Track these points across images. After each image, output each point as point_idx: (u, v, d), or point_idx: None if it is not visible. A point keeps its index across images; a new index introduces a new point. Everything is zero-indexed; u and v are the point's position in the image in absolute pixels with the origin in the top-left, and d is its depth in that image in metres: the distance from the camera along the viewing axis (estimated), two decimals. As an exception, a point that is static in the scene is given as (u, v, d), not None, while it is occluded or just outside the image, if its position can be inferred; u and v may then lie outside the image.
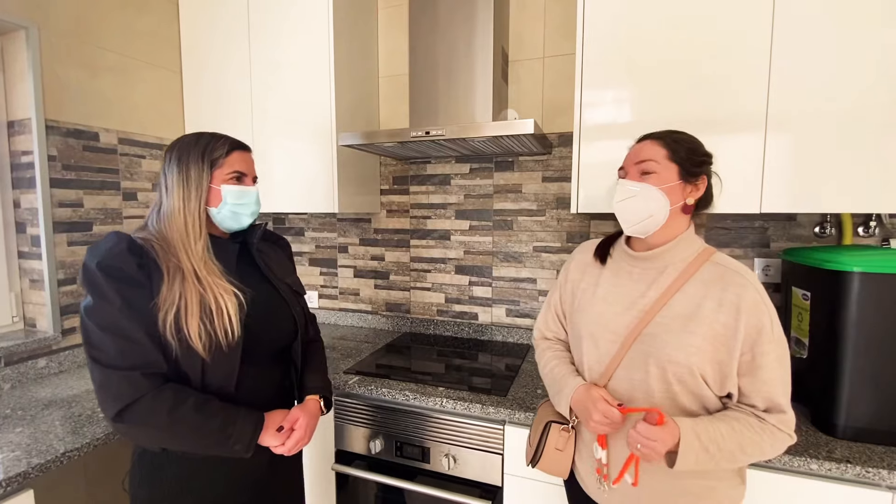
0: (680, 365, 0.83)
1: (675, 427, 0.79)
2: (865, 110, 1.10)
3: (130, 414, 0.80)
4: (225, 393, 0.89)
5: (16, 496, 0.96)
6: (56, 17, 1.48)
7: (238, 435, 0.86)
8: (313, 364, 1.11)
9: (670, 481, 0.87)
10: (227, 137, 0.97)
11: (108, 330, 0.80)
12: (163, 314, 0.82)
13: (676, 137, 0.90)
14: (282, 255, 1.11)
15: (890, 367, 1.04)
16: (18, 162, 1.47)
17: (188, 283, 0.85)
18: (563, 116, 1.68)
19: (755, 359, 0.81)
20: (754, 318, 0.81)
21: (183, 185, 0.90)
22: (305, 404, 1.02)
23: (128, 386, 0.80)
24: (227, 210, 0.94)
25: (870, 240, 1.38)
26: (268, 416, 0.93)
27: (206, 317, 0.85)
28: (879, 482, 0.97)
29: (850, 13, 1.09)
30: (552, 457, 0.99)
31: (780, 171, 1.18)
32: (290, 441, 0.94)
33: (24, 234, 1.49)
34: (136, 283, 0.83)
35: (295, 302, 1.05)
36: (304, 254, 2.18)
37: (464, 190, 1.87)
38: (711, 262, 0.88)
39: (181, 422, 0.82)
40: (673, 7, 1.23)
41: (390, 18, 1.91)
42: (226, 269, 0.92)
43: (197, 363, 0.85)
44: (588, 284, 1.00)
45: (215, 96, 1.83)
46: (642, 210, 0.88)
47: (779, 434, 0.82)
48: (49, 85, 1.46)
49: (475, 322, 1.90)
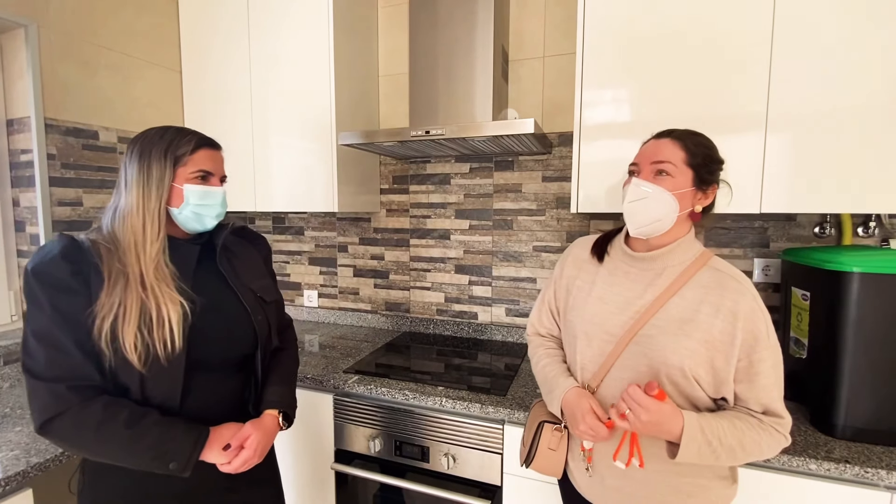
0: (673, 367, 0.83)
1: (677, 413, 0.78)
2: (865, 110, 1.10)
3: (54, 428, 0.76)
4: (168, 406, 0.83)
5: (15, 495, 0.96)
6: (55, 16, 1.47)
7: (174, 453, 0.80)
8: (278, 376, 1.02)
9: (662, 479, 0.87)
10: (196, 133, 0.91)
11: (39, 338, 0.76)
12: (98, 321, 0.77)
13: (697, 141, 0.87)
14: (255, 255, 1.06)
15: (889, 367, 1.05)
16: (17, 160, 1.46)
17: (130, 289, 0.80)
18: (563, 116, 1.68)
19: (752, 365, 0.82)
20: (751, 324, 0.81)
21: (143, 182, 0.84)
22: (261, 420, 0.94)
23: (52, 398, 0.75)
24: (188, 211, 0.88)
25: (869, 240, 1.39)
26: (215, 431, 0.86)
27: (144, 326, 0.79)
28: (878, 482, 0.97)
29: (849, 13, 1.09)
30: (545, 456, 0.99)
31: (779, 171, 1.18)
32: (236, 460, 0.86)
33: (23, 232, 1.49)
34: (69, 290, 0.78)
35: (258, 310, 0.97)
36: (304, 253, 2.18)
37: (463, 189, 1.87)
38: (709, 267, 0.88)
39: (110, 437, 0.77)
40: (673, 7, 1.23)
41: (390, 17, 1.90)
42: (181, 275, 0.86)
43: (135, 375, 0.80)
44: (584, 282, 0.98)
45: (215, 95, 1.83)
46: (653, 213, 0.86)
47: (776, 435, 0.83)
48: (48, 83, 1.45)
49: (475, 321, 1.90)
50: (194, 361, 0.85)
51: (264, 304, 1.00)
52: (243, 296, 0.96)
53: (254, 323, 0.96)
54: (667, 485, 0.87)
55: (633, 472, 0.88)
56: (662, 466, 0.87)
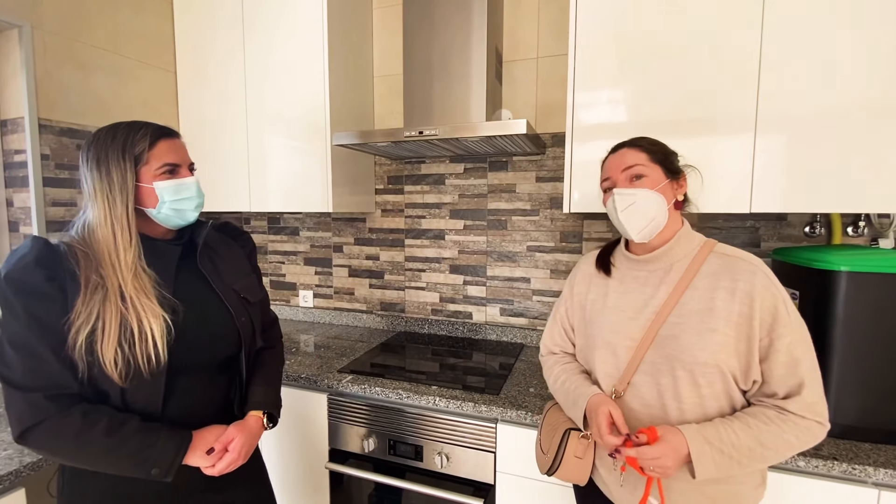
0: (708, 365, 0.82)
1: (679, 437, 0.78)
2: (854, 110, 1.11)
3: (32, 438, 0.74)
4: (150, 412, 0.82)
5: (8, 495, 0.96)
6: (49, 16, 1.47)
7: (156, 458, 0.78)
8: (262, 376, 1.01)
9: (691, 488, 0.85)
10: (148, 125, 0.85)
11: (15, 346, 0.74)
12: (74, 332, 0.75)
13: (649, 141, 0.93)
14: (239, 253, 1.02)
15: (877, 365, 1.06)
16: (11, 161, 1.46)
17: (109, 302, 0.77)
18: (556, 117, 1.69)
19: (773, 343, 0.81)
20: (767, 302, 0.81)
21: (106, 190, 0.80)
22: (245, 421, 0.93)
23: (29, 408, 0.74)
24: (167, 209, 0.85)
25: (859, 239, 1.40)
26: (197, 434, 0.85)
27: (125, 341, 0.77)
28: (866, 479, 0.98)
29: (836, 15, 1.11)
30: (572, 465, 0.96)
31: (769, 172, 1.19)
32: (220, 463, 0.86)
33: (17, 232, 1.49)
34: (44, 297, 0.75)
35: (242, 311, 0.95)
36: (299, 253, 2.18)
37: (458, 190, 1.87)
38: (716, 254, 0.88)
39: (90, 446, 0.75)
40: (663, 9, 1.24)
41: (385, 18, 1.91)
42: (161, 279, 0.84)
43: (114, 385, 0.78)
44: (597, 296, 0.99)
45: (210, 96, 1.83)
46: (647, 213, 0.88)
47: (803, 423, 0.79)
48: (42, 84, 1.45)
49: (469, 321, 1.91)
50: (176, 367, 0.83)
51: (248, 305, 0.98)
52: (226, 297, 0.94)
53: (237, 325, 0.94)
54: (701, 493, 0.85)
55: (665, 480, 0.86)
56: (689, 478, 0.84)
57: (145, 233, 0.87)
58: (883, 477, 0.97)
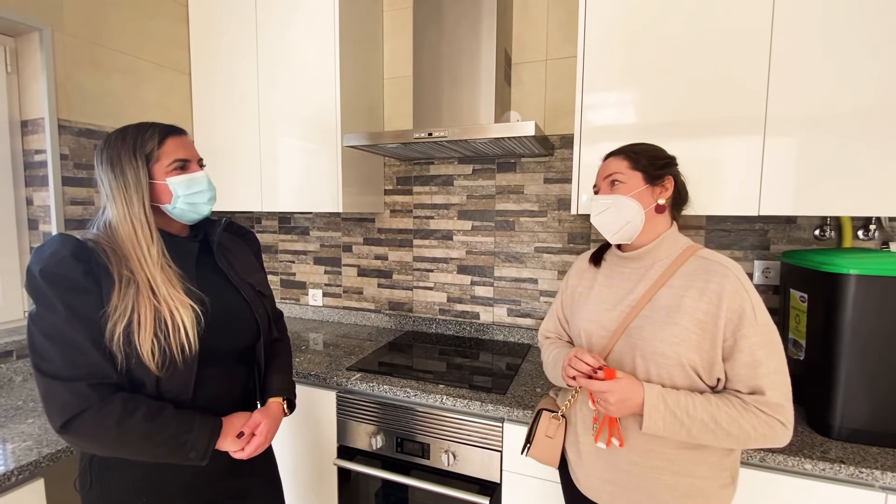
0: (666, 356, 0.86)
1: (636, 386, 0.84)
2: (865, 113, 1.10)
3: (76, 426, 0.76)
4: (181, 400, 0.86)
5: (27, 484, 0.99)
6: (69, 19, 1.51)
7: (193, 443, 0.83)
8: (277, 365, 1.07)
9: (658, 476, 0.89)
10: (156, 125, 0.90)
11: (53, 339, 0.76)
12: (111, 324, 0.78)
13: (635, 148, 0.98)
14: (247, 250, 1.08)
15: (885, 368, 1.05)
16: (31, 160, 1.50)
17: (142, 296, 0.81)
18: (565, 118, 1.70)
19: (736, 342, 0.83)
20: (735, 303, 0.84)
21: (122, 189, 0.84)
22: (268, 407, 1.00)
23: (72, 397, 0.76)
24: (181, 203, 0.89)
25: (869, 243, 1.39)
26: (227, 420, 0.90)
27: (160, 332, 0.81)
28: (873, 482, 0.98)
29: (847, 16, 1.10)
30: (543, 444, 1.03)
31: (778, 174, 1.19)
32: (249, 447, 0.91)
33: (36, 230, 1.53)
34: (83, 290, 0.78)
35: (258, 303, 1.01)
36: (309, 252, 2.21)
37: (466, 191, 1.89)
38: (696, 257, 0.92)
39: (131, 433, 0.78)
40: (672, 11, 1.25)
41: (395, 21, 1.93)
42: (185, 274, 0.88)
43: (150, 374, 0.81)
44: (584, 288, 1.07)
45: (223, 97, 1.86)
46: (619, 218, 0.94)
47: (763, 417, 0.81)
48: (62, 85, 1.49)
49: (476, 321, 1.92)
50: (203, 356, 0.87)
51: (262, 297, 1.04)
52: (243, 290, 0.99)
53: (256, 316, 0.99)
54: (663, 483, 0.89)
55: (627, 466, 0.90)
56: (658, 463, 0.89)
57: (164, 229, 0.91)
58: (890, 481, 0.96)
